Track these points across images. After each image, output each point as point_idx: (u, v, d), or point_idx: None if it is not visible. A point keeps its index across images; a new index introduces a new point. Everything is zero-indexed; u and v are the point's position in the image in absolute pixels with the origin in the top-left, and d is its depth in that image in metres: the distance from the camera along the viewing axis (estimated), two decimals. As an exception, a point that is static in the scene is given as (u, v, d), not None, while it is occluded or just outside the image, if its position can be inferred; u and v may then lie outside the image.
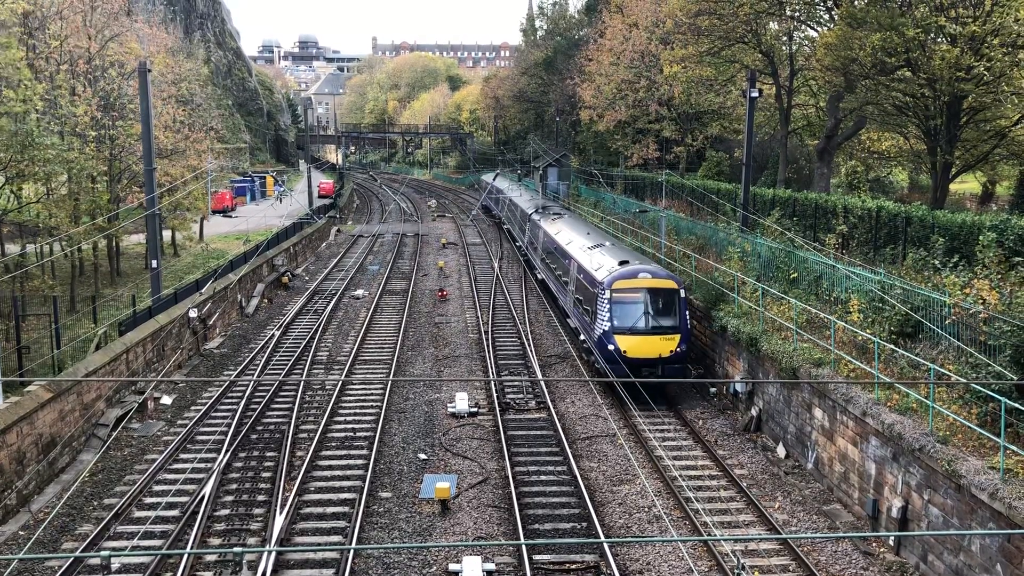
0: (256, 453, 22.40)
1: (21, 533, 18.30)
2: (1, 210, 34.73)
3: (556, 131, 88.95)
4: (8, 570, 16.47)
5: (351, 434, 23.72)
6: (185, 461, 21.78)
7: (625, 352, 25.51)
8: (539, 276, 43.27)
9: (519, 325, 35.71)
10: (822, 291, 26.53)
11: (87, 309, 33.66)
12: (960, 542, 15.15)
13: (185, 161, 46.42)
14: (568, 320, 33.80)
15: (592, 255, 30.58)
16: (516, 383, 28.34)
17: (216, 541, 17.64)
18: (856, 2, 37.07)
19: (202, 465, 21.41)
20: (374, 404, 26.24)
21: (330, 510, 19.02)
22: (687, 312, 26.39)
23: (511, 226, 62.11)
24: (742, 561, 16.47)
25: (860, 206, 30.80)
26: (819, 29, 43.53)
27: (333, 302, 41.01)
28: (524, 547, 16.47)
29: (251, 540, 17.70)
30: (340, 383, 27.86)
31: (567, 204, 60.39)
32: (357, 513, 18.50)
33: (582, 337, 30.10)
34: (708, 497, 19.67)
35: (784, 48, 46.05)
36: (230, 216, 71.95)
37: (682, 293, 26.27)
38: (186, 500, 19.32)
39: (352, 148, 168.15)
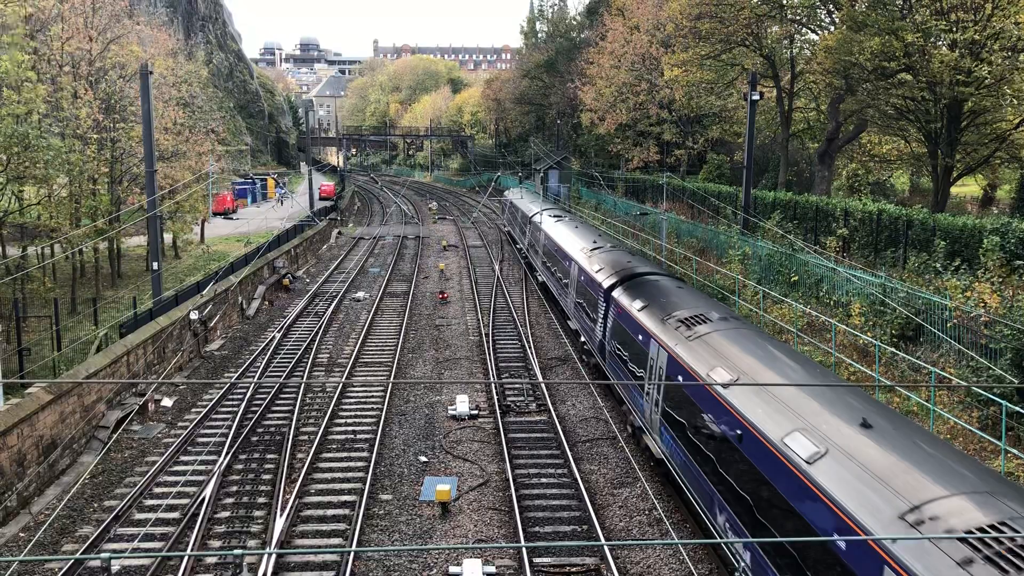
0: (256, 455, 22.38)
1: (21, 535, 18.29)
2: (2, 212, 34.74)
3: (557, 134, 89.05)
4: (8, 572, 16.47)
5: (352, 436, 23.69)
6: (185, 463, 21.77)
7: None
8: (655, 452, 19.56)
9: (519, 327, 35.69)
10: (823, 294, 26.52)
11: (88, 311, 33.65)
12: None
13: (186, 163, 46.47)
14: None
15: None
16: (517, 385, 28.32)
17: (216, 543, 17.63)
18: (857, 5, 37.11)
19: (202, 467, 21.41)
20: (375, 406, 26.22)
21: (330, 512, 19.00)
22: None
23: (550, 282, 38.39)
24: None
25: (861, 209, 30.80)
26: (820, 32, 43.58)
27: (334, 304, 41.00)
28: (524, 550, 16.44)
29: (251, 542, 17.70)
30: (341, 385, 27.85)
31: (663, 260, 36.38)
32: (357, 515, 18.47)
33: None
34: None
35: (785, 51, 46.12)
36: (231, 218, 72.06)
37: None
38: (186, 502, 19.31)
39: (353, 150, 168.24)
